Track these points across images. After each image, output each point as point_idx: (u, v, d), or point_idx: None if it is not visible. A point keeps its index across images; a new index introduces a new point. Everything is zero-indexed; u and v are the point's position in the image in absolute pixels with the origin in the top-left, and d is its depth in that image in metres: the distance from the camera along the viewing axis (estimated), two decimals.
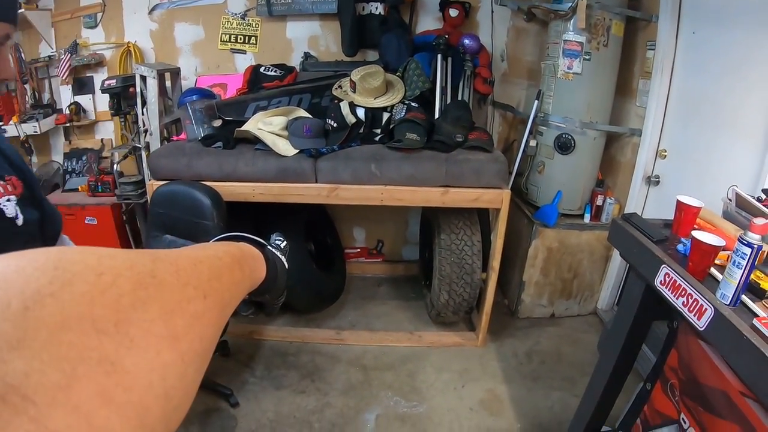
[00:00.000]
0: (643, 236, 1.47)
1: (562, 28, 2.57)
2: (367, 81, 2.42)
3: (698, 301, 1.18)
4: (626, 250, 1.55)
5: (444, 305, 2.54)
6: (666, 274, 1.31)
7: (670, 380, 1.41)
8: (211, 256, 0.42)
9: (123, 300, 0.28)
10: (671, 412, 1.40)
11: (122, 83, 2.70)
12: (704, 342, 1.23)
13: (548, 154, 2.72)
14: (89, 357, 0.25)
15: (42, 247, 0.28)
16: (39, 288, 0.25)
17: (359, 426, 2.23)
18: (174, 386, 0.29)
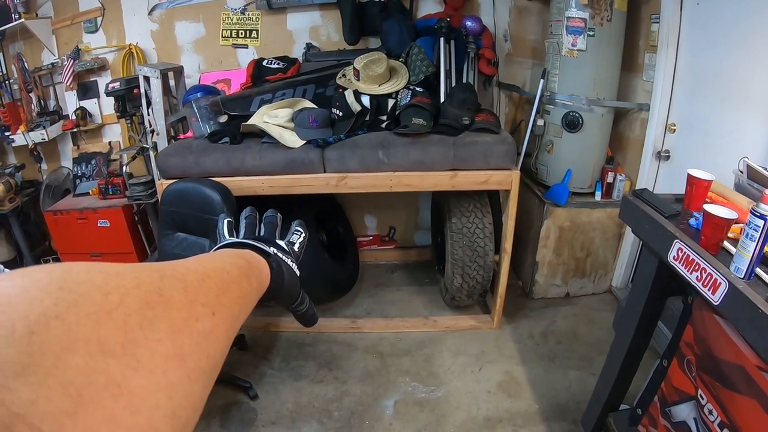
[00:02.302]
0: (655, 212, 1.45)
1: (564, 5, 2.53)
2: (370, 68, 2.41)
3: (712, 276, 1.17)
4: (638, 227, 1.54)
5: (458, 289, 2.54)
6: (679, 249, 1.30)
7: (686, 356, 1.40)
8: (219, 270, 0.42)
9: (130, 320, 0.27)
10: (689, 388, 1.40)
11: (126, 85, 2.71)
12: (719, 316, 1.22)
13: (556, 132, 2.69)
14: (96, 381, 0.24)
15: (47, 265, 0.28)
16: (44, 310, 0.24)
17: (378, 413, 2.24)
18: (181, 405, 0.29)
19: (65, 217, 3.12)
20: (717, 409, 1.24)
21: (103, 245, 3.14)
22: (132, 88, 2.70)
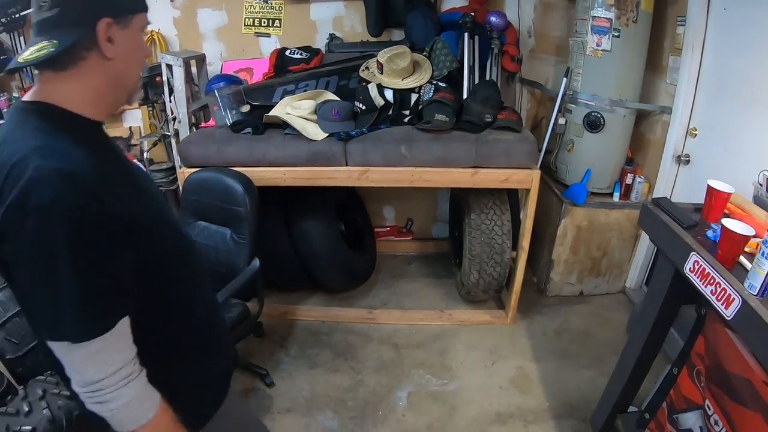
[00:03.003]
0: (673, 222, 1.47)
1: (590, 3, 2.51)
2: (394, 62, 2.40)
3: (726, 291, 1.19)
4: (656, 235, 1.55)
5: (474, 285, 2.56)
6: (695, 261, 1.32)
7: (696, 366, 1.42)
8: None
9: None
10: (697, 397, 1.42)
11: (148, 72, 2.72)
12: (731, 330, 1.24)
13: (577, 132, 2.68)
14: None
15: None
16: None
17: (392, 403, 2.28)
18: None
19: None
20: (723, 420, 1.27)
21: None
22: (154, 76, 2.72)
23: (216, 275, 2.31)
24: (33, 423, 1.51)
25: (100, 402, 0.81)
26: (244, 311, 2.25)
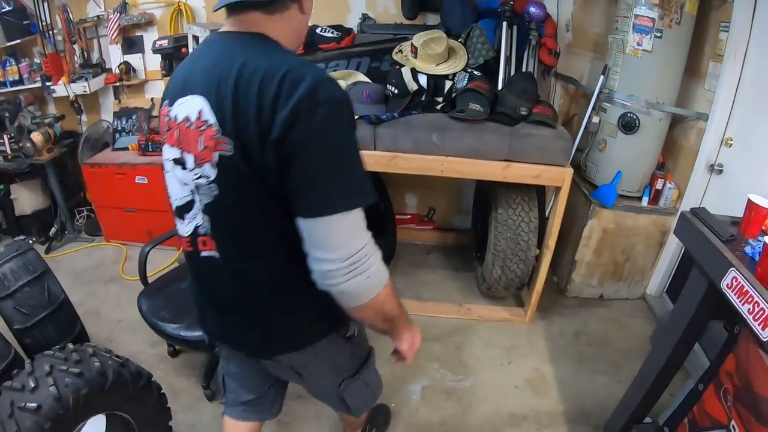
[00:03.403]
0: (712, 234, 1.41)
1: (633, 1, 2.42)
2: (429, 47, 2.33)
3: (765, 311, 1.14)
4: (693, 246, 1.50)
5: (496, 280, 2.51)
6: (734, 278, 1.26)
7: (724, 384, 1.38)
8: None
9: None
10: (721, 416, 1.37)
11: (174, 43, 2.66)
12: (765, 352, 1.19)
13: (611, 132, 2.61)
14: None
15: None
16: None
17: (405, 396, 2.24)
18: None
19: (103, 170, 3.12)
20: None
21: (140, 201, 3.13)
22: (180, 47, 2.65)
23: None
24: (38, 400, 1.44)
25: (360, 272, 0.93)
26: None
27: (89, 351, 1.64)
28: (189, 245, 1.10)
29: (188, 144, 0.98)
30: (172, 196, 1.09)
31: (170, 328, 2.06)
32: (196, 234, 1.06)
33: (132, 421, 1.77)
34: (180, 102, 1.00)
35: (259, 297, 1.11)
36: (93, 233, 3.53)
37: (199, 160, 0.97)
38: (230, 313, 1.17)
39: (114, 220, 3.32)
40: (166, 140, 1.05)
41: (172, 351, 2.48)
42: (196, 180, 0.99)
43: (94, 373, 1.55)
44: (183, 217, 1.07)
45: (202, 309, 1.27)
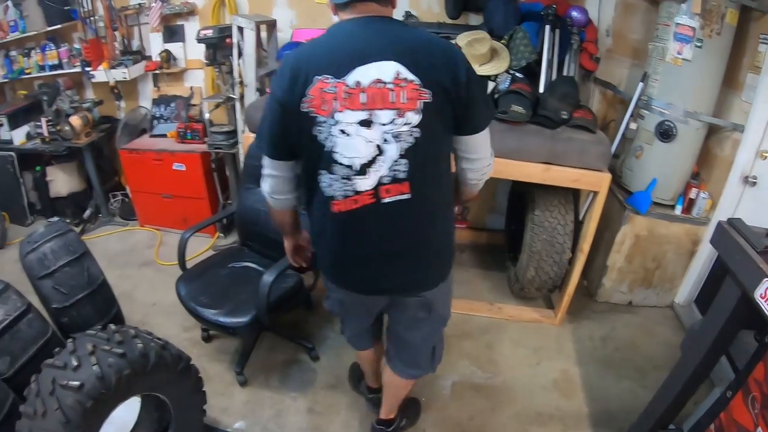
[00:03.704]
0: (747, 244, 1.41)
1: (674, 9, 2.42)
2: (473, 47, 2.34)
3: None
4: (728, 256, 1.50)
5: (530, 281, 2.53)
6: None
7: (752, 392, 1.38)
8: None
9: None
10: (748, 424, 1.38)
11: (219, 34, 2.69)
12: None
13: (648, 139, 2.61)
14: None
15: None
16: None
17: (436, 390, 2.27)
18: None
19: (141, 156, 3.17)
20: None
21: (176, 188, 3.18)
22: (225, 37, 2.68)
23: (274, 243, 2.29)
24: (81, 378, 1.44)
25: (489, 171, 1.50)
26: (298, 283, 2.25)
27: (131, 332, 1.67)
28: (371, 197, 1.27)
29: (382, 102, 1.20)
30: (355, 156, 1.23)
31: (209, 314, 2.10)
32: (380, 183, 1.25)
33: (169, 403, 1.79)
34: (361, 70, 1.18)
35: (434, 229, 1.39)
36: (127, 217, 3.58)
37: (402, 111, 1.21)
38: (396, 257, 1.38)
39: (149, 205, 3.38)
40: (344, 107, 1.20)
41: (206, 336, 2.53)
42: (394, 130, 1.22)
43: (136, 354, 1.57)
44: (365, 173, 1.24)
45: (350, 264, 1.42)
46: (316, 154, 1.25)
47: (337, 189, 1.27)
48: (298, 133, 1.25)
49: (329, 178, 1.26)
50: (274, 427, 2.11)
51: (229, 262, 2.37)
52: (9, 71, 3.71)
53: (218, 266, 2.36)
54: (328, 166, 1.25)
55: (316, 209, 1.36)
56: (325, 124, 1.21)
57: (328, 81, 1.19)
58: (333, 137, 1.22)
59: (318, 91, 1.19)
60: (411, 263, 1.39)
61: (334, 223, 1.32)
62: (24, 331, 1.76)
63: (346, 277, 1.46)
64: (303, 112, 1.21)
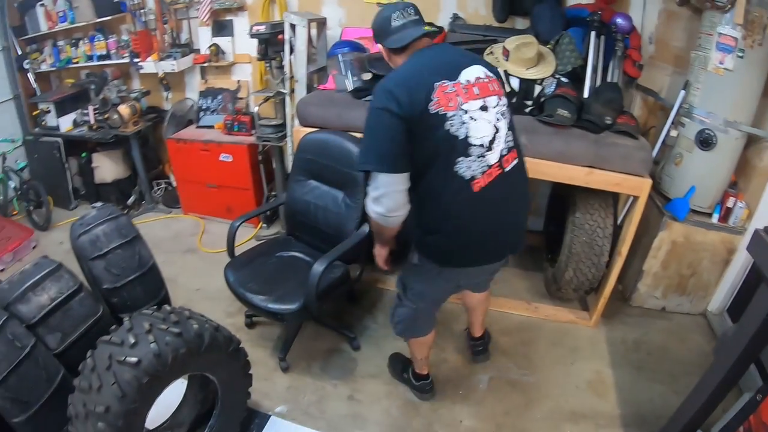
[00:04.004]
0: None
1: (717, 19, 2.43)
2: (521, 51, 2.40)
3: None
4: (764, 263, 1.52)
5: (567, 282, 2.57)
6: None
7: None
8: None
9: None
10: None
11: (271, 29, 2.77)
12: None
13: (688, 147, 2.63)
14: None
15: None
16: None
17: (472, 384, 2.33)
18: None
19: (188, 146, 3.27)
20: None
21: (222, 178, 3.27)
22: (277, 33, 2.76)
23: (322, 234, 2.38)
24: (138, 355, 1.50)
25: None
26: (345, 274, 2.31)
27: (186, 313, 1.74)
28: (498, 168, 1.55)
29: (487, 91, 1.56)
30: (484, 135, 1.52)
31: (257, 300, 2.17)
32: (501, 155, 1.56)
33: (217, 383, 1.87)
34: (465, 73, 1.53)
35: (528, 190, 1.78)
36: (170, 205, 3.69)
37: (499, 96, 1.59)
38: (515, 219, 1.72)
39: (194, 194, 3.48)
40: (465, 100, 1.50)
41: (249, 323, 2.62)
42: (501, 110, 1.58)
43: (192, 334, 1.63)
44: (491, 148, 1.53)
45: (486, 235, 1.64)
46: (450, 145, 1.48)
47: (476, 168, 1.51)
48: (426, 137, 1.47)
49: (467, 162, 1.50)
50: (314, 412, 2.19)
51: (277, 251, 2.45)
52: (56, 60, 3.85)
53: (265, 255, 2.44)
54: (465, 150, 1.49)
55: (445, 200, 1.55)
56: (455, 116, 1.47)
57: (446, 84, 1.48)
58: (465, 124, 1.48)
59: (441, 93, 1.47)
60: (522, 224, 1.75)
61: (473, 202, 1.54)
62: (75, 309, 1.84)
63: (481, 249, 1.67)
64: (432, 113, 1.45)
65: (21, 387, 1.61)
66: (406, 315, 1.94)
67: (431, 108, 1.44)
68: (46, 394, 1.67)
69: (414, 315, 1.94)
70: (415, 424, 2.14)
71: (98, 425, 1.46)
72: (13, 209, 3.85)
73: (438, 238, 1.61)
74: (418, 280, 1.82)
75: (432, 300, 1.94)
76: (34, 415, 1.64)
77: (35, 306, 1.77)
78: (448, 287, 1.88)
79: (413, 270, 1.79)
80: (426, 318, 2.00)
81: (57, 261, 1.91)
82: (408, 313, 1.93)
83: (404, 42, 1.54)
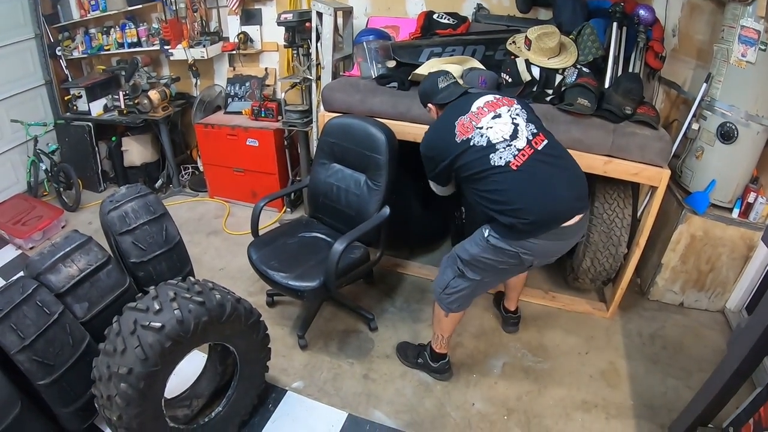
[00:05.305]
0: None
1: (740, 12, 2.41)
2: (543, 40, 2.42)
3: None
4: None
5: (584, 271, 2.58)
6: None
7: None
8: None
9: None
10: None
11: (298, 18, 2.85)
12: None
13: (709, 140, 2.62)
14: None
15: None
16: None
17: (487, 369, 2.37)
18: None
19: (216, 131, 3.36)
20: None
21: (248, 163, 3.36)
22: (304, 21, 2.84)
23: (344, 216, 2.44)
24: (162, 321, 1.56)
25: None
26: (365, 255, 2.37)
27: (209, 285, 1.80)
28: (530, 148, 1.80)
29: (497, 105, 1.88)
30: (502, 133, 1.81)
31: (279, 277, 2.23)
32: (528, 140, 1.81)
33: (237, 354, 1.94)
34: (474, 104, 1.89)
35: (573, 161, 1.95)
36: (196, 188, 3.80)
37: (510, 105, 1.90)
38: (570, 183, 1.85)
39: (220, 178, 3.57)
40: (477, 121, 1.84)
41: (270, 301, 2.69)
42: (515, 112, 1.87)
43: (214, 303, 1.70)
44: (516, 137, 1.81)
45: (551, 197, 1.80)
46: (482, 151, 1.80)
47: (507, 155, 1.78)
48: (464, 158, 1.83)
49: (498, 153, 1.79)
50: (330, 389, 2.25)
51: (299, 232, 2.52)
52: (88, 47, 3.98)
53: (288, 235, 2.51)
54: (492, 148, 1.79)
55: (495, 187, 1.79)
56: (476, 133, 1.83)
57: (462, 119, 1.87)
58: (484, 135, 1.82)
59: (461, 126, 1.86)
60: (575, 185, 1.87)
61: (518, 178, 1.77)
62: (103, 280, 1.94)
63: (546, 215, 1.79)
64: (459, 143, 1.84)
65: (47, 351, 1.71)
66: (465, 287, 2.01)
67: (457, 140, 1.85)
68: (71, 359, 1.76)
69: (473, 288, 2.02)
70: (427, 404, 2.18)
71: (121, 386, 1.53)
72: (43, 190, 4.00)
73: (506, 217, 1.80)
74: (488, 258, 1.91)
75: (498, 276, 2.08)
76: (59, 378, 1.73)
77: (64, 276, 1.87)
78: (520, 264, 1.94)
79: (485, 247, 1.89)
80: (480, 293, 2.13)
81: (87, 235, 2.01)
82: (468, 285, 2.00)
83: (451, 98, 1.97)
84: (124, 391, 1.53)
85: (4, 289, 1.78)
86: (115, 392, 1.54)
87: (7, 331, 1.65)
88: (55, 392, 1.74)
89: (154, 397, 1.64)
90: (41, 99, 4.04)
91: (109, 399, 1.57)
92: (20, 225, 3.40)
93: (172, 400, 2.03)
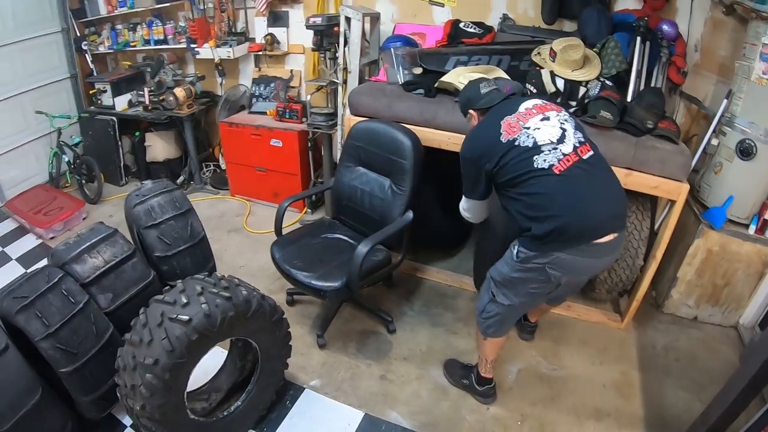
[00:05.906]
0: None
1: (762, 29, 2.44)
2: (567, 53, 2.46)
3: None
4: None
5: (601, 282, 2.61)
6: None
7: None
8: None
9: None
10: None
11: (327, 22, 2.90)
12: None
13: (728, 156, 2.64)
14: None
15: None
16: None
17: (502, 375, 2.39)
18: None
19: (240, 130, 3.41)
20: None
21: (271, 162, 3.41)
22: (332, 26, 2.89)
23: (367, 219, 2.49)
24: (190, 314, 1.59)
25: None
26: (387, 258, 2.41)
27: (235, 281, 1.84)
28: (575, 156, 1.77)
29: (546, 109, 1.87)
30: (549, 135, 1.78)
31: (302, 276, 2.27)
32: (575, 147, 1.79)
33: (259, 350, 1.97)
34: (523, 105, 1.88)
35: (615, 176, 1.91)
36: (217, 186, 3.85)
37: (559, 111, 1.89)
38: (608, 199, 1.81)
39: (243, 176, 3.63)
40: (525, 121, 1.82)
41: (290, 300, 2.74)
42: (564, 118, 1.86)
43: (240, 299, 1.73)
44: (563, 142, 1.78)
45: (575, 216, 1.75)
46: (527, 151, 1.76)
47: (552, 158, 1.75)
48: (508, 158, 1.79)
49: (542, 156, 1.75)
50: (347, 388, 2.30)
51: (322, 233, 2.57)
52: (114, 43, 4.06)
53: (311, 236, 2.56)
54: (537, 150, 1.76)
55: (535, 190, 1.76)
56: (522, 133, 1.80)
57: (509, 118, 1.84)
58: (531, 135, 1.79)
59: (507, 126, 1.83)
60: (614, 201, 1.84)
61: (559, 183, 1.74)
62: (128, 272, 1.97)
63: (581, 226, 1.75)
64: (505, 143, 1.80)
65: (71, 339, 1.74)
66: (497, 312, 2.00)
67: (502, 139, 1.81)
68: (94, 348, 1.80)
69: (505, 313, 2.01)
70: (443, 407, 2.22)
71: (146, 376, 1.56)
72: (65, 182, 4.08)
73: (539, 225, 1.77)
74: (518, 277, 1.90)
75: (528, 298, 2.00)
76: (81, 367, 1.76)
77: (90, 267, 1.91)
78: (548, 282, 1.89)
79: (513, 265, 1.88)
80: (513, 318, 2.11)
81: (113, 227, 2.05)
82: (500, 311, 2.00)
83: (493, 103, 1.97)
84: (149, 381, 1.56)
85: (29, 277, 1.82)
86: (140, 382, 1.57)
87: (32, 319, 1.69)
88: (76, 380, 1.77)
89: (177, 388, 1.67)
90: (66, 92, 4.12)
91: (133, 388, 1.60)
92: (41, 215, 3.45)
93: (191, 393, 2.05)
